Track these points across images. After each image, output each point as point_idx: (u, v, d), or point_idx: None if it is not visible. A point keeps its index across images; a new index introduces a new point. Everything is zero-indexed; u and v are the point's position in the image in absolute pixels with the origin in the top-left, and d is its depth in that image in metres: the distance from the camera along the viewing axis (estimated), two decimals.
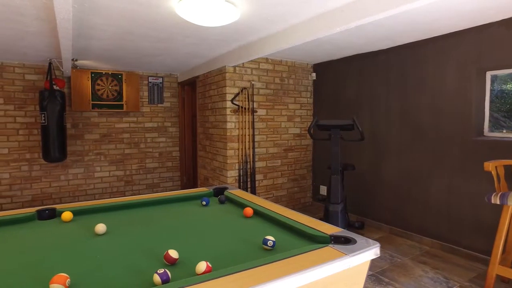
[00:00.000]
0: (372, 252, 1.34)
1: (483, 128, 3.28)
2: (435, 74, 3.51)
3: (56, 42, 3.66)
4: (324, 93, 4.99)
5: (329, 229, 1.58)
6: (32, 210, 1.91)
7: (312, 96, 5.19)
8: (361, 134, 3.59)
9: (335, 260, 1.20)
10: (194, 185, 5.97)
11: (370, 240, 1.41)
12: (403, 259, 3.27)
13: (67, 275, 1.10)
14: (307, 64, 5.10)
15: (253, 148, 4.61)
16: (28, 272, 1.22)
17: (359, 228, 4.09)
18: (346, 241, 1.42)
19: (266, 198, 4.75)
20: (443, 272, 2.99)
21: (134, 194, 5.77)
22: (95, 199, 5.42)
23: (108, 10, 2.63)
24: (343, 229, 1.59)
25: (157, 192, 5.94)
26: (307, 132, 5.15)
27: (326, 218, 3.73)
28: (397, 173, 3.94)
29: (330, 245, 1.38)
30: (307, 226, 1.62)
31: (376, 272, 2.99)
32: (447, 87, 3.41)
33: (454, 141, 3.36)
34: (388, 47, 3.97)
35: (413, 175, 3.76)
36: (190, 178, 6.13)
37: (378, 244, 1.38)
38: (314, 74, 5.13)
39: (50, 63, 4.59)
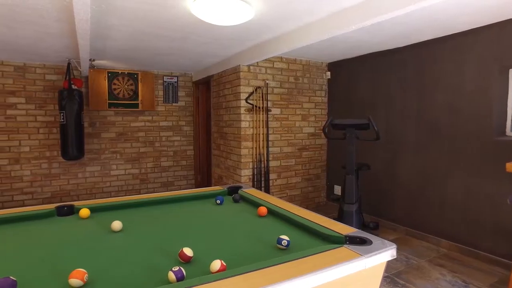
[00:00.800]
0: (388, 253, 1.31)
1: (505, 128, 3.18)
2: (453, 72, 3.43)
3: (74, 43, 3.74)
4: (338, 92, 4.94)
5: (344, 229, 1.56)
6: (52, 206, 1.96)
7: (326, 95, 5.15)
8: (377, 133, 3.54)
9: (351, 261, 1.19)
10: (208, 184, 6.01)
11: (386, 241, 1.39)
12: (419, 261, 3.21)
13: (85, 271, 1.12)
14: (322, 62, 5.06)
15: (267, 147, 4.60)
16: (47, 266, 1.25)
17: (374, 229, 4.04)
18: (362, 241, 1.40)
19: (280, 198, 4.74)
20: (462, 276, 2.92)
21: (149, 192, 5.85)
22: (111, 197, 5.52)
23: (125, 11, 2.67)
24: (358, 230, 1.57)
25: (171, 190, 6.00)
26: (321, 131, 5.11)
27: (341, 218, 3.70)
28: (412, 173, 3.87)
29: (345, 245, 1.37)
30: (322, 226, 1.61)
31: (391, 273, 2.95)
32: (466, 85, 3.32)
33: (473, 141, 3.27)
34: (404, 45, 3.90)
35: (429, 175, 3.68)
36: (204, 177, 6.17)
37: (394, 246, 1.35)
38: (328, 73, 5.08)
39: (68, 63, 4.70)
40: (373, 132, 4.15)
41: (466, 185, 3.34)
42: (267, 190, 4.59)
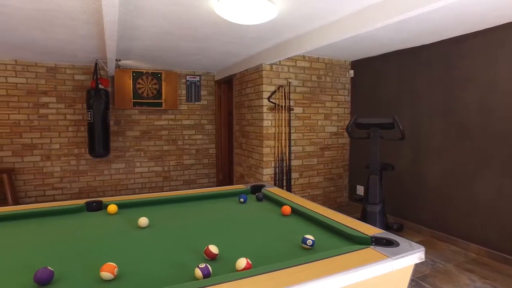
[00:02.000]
0: (416, 256, 1.28)
1: None
2: (484, 70, 3.29)
3: (102, 44, 3.85)
4: (362, 91, 4.85)
5: (369, 230, 1.54)
6: (82, 202, 2.03)
7: (349, 94, 5.07)
8: (402, 133, 3.45)
9: (378, 262, 1.17)
10: (230, 182, 6.06)
11: (414, 243, 1.36)
12: (446, 266, 3.11)
13: (115, 265, 1.16)
14: (345, 61, 4.99)
15: (289, 146, 4.58)
16: (79, 259, 1.30)
17: (398, 230, 3.95)
18: (388, 243, 1.38)
19: (302, 197, 4.71)
20: (494, 283, 2.80)
21: (172, 190, 5.96)
22: (135, 194, 5.67)
23: (151, 11, 2.73)
24: (384, 231, 1.54)
25: (193, 188, 6.09)
26: (344, 130, 5.04)
27: (364, 218, 3.64)
28: (439, 174, 3.75)
29: (371, 246, 1.35)
30: (347, 226, 1.59)
31: (416, 277, 2.87)
32: (499, 83, 3.19)
33: (506, 141, 3.14)
34: (431, 42, 3.78)
35: (457, 176, 3.56)
36: (225, 175, 6.22)
37: (422, 248, 1.32)
38: (352, 72, 5.00)
39: (96, 64, 4.85)
40: (398, 132, 4.06)
41: (498, 187, 3.21)
42: (288, 189, 4.58)
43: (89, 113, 4.74)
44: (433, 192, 3.83)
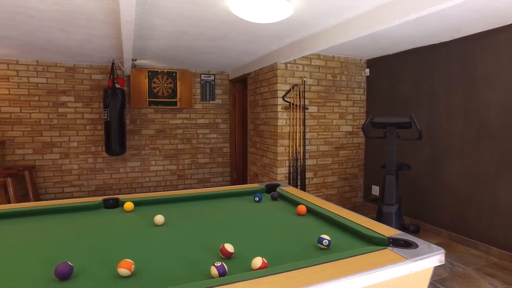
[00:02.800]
0: (436, 258, 1.25)
1: None
2: (509, 67, 3.18)
3: (119, 44, 3.91)
4: (378, 90, 4.78)
5: (386, 230, 1.51)
6: (99, 199, 2.07)
7: (365, 93, 5.00)
8: (420, 132, 3.38)
9: (396, 264, 1.14)
10: (244, 181, 6.06)
11: (433, 245, 1.32)
12: (466, 269, 3.03)
13: (132, 261, 1.17)
14: (361, 59, 4.92)
15: (304, 145, 4.55)
16: (97, 255, 1.32)
17: (414, 232, 3.87)
18: (406, 244, 1.35)
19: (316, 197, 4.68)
20: None
21: (186, 188, 6.01)
22: (150, 191, 5.74)
23: (167, 10, 2.75)
24: (401, 232, 1.51)
25: (207, 187, 6.13)
26: (359, 130, 4.97)
27: (379, 219, 3.58)
28: (458, 175, 3.65)
29: (389, 247, 1.32)
30: (363, 226, 1.56)
31: (434, 280, 2.81)
32: None
33: None
34: (451, 39, 3.68)
35: (478, 177, 3.46)
36: (239, 174, 6.24)
37: (442, 250, 1.28)
38: (367, 70, 4.93)
39: (113, 63, 4.93)
40: (415, 131, 3.98)
41: None
42: (303, 189, 4.55)
43: (106, 112, 4.83)
44: (452, 193, 3.74)
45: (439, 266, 3.05)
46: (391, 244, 1.36)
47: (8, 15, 2.88)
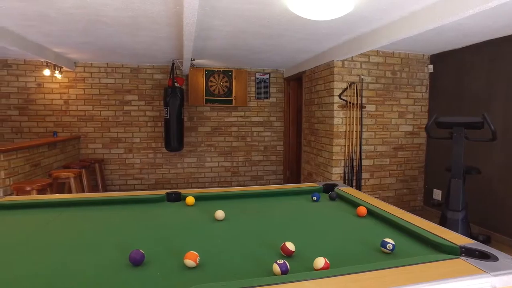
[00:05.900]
0: None
1: None
2: None
3: (179, 45, 4.10)
4: (443, 87, 4.45)
5: (457, 238, 1.40)
6: (162, 192, 2.19)
7: (427, 91, 4.69)
8: (493, 133, 3.08)
9: (474, 277, 1.05)
10: (297, 180, 6.03)
11: None
12: None
13: (197, 254, 1.22)
14: (423, 55, 4.62)
15: (360, 145, 4.40)
16: (164, 245, 1.40)
17: (484, 243, 3.53)
18: (483, 256, 1.23)
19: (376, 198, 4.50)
20: None
21: (239, 185, 6.13)
22: (205, 187, 5.96)
23: (226, 11, 2.82)
24: (475, 241, 1.39)
25: (260, 184, 6.20)
26: (421, 129, 4.68)
27: (443, 226, 3.33)
28: None
29: (461, 257, 1.22)
30: (430, 232, 1.47)
31: None
32: None
33: None
34: None
35: None
36: (293, 173, 6.21)
37: None
38: (431, 66, 4.61)
39: (173, 63, 5.19)
40: (488, 132, 3.64)
41: None
42: (358, 190, 4.40)
43: (166, 109, 5.10)
44: None
45: None
46: (463, 254, 1.26)
47: (89, 24, 3.22)
